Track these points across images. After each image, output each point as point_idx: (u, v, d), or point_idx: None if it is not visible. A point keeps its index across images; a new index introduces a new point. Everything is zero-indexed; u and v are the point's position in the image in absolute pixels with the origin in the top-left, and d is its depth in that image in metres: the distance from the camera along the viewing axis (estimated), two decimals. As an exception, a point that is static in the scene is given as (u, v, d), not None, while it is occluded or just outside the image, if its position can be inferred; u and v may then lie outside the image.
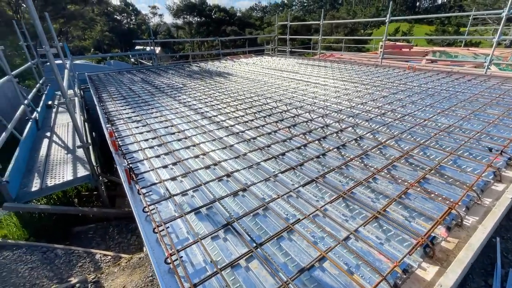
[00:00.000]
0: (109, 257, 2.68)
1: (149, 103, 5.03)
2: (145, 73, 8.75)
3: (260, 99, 4.99)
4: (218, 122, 3.88)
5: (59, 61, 10.26)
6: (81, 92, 7.65)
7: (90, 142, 3.30)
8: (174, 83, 6.89)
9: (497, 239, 2.23)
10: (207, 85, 6.53)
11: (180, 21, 42.40)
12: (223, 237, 1.73)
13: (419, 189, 2.11)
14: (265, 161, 2.67)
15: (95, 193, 4.98)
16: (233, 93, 5.58)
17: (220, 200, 2.07)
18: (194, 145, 3.11)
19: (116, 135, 3.47)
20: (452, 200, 1.97)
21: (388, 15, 7.65)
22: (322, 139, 3.13)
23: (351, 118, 3.80)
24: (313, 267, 1.48)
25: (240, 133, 3.43)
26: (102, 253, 2.74)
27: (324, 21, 9.77)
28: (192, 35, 38.11)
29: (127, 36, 38.68)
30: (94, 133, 6.16)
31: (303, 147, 2.94)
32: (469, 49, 12.96)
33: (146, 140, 3.31)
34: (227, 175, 2.43)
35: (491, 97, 4.42)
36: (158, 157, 2.87)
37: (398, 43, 12.75)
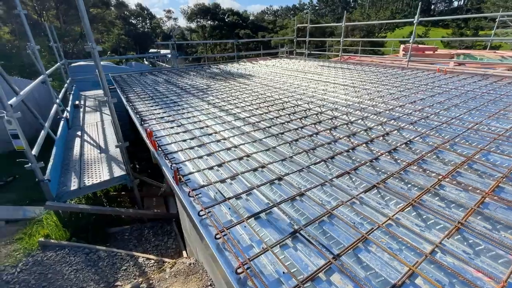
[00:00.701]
0: (152, 261, 2.59)
1: (178, 104, 4.99)
2: (167, 75, 8.79)
3: (290, 100, 4.87)
4: (253, 123, 3.77)
5: (84, 63, 10.47)
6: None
7: (127, 142, 3.25)
8: (198, 84, 6.87)
9: None
10: (232, 86, 6.46)
11: (193, 25, 43.05)
12: (293, 246, 1.60)
13: (496, 198, 1.93)
14: (315, 164, 2.54)
15: (123, 193, 4.96)
16: (260, 94, 5.48)
17: (278, 205, 1.94)
18: (235, 147, 3.01)
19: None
20: (538, 211, 1.78)
21: (416, 16, 7.41)
22: (369, 142, 2.97)
23: (392, 121, 3.62)
24: (404, 284, 1.33)
25: (279, 135, 3.31)
26: (145, 256, 2.65)
27: (346, 23, 9.60)
28: (205, 38, 38.58)
29: (142, 39, 39.57)
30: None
31: (351, 151, 2.79)
32: (496, 52, 12.49)
33: (184, 140, 3.24)
34: (279, 179, 2.31)
35: (540, 100, 4.15)
36: (200, 158, 2.78)
37: (421, 46, 12.41)
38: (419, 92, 5.08)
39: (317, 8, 79.77)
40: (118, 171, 3.44)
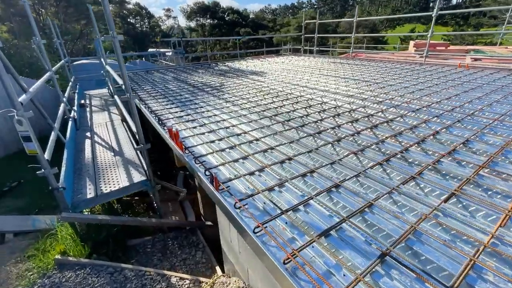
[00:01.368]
0: (187, 282, 2.27)
1: (194, 102, 4.68)
2: (174, 72, 8.46)
3: (314, 98, 4.56)
4: (282, 122, 3.46)
5: (87, 61, 10.08)
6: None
7: (149, 144, 2.93)
8: (210, 82, 6.55)
9: None
10: (247, 83, 6.14)
11: (193, 24, 42.61)
12: (386, 273, 1.29)
13: None
14: (371, 167, 2.23)
15: (136, 198, 4.64)
16: (280, 91, 5.17)
17: (349, 218, 1.64)
18: (271, 149, 2.69)
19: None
20: None
21: (435, 9, 7.12)
22: (419, 144, 2.67)
23: (435, 118, 3.32)
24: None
25: (316, 135, 3.00)
26: (178, 276, 2.33)
27: (358, 18, 9.30)
28: (205, 37, 38.15)
29: (141, 38, 39.10)
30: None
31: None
32: (508, 47, 12.25)
33: (212, 142, 2.92)
34: (336, 186, 2.00)
35: None
36: (236, 161, 2.47)
37: (432, 41, 12.12)
38: (449, 88, 4.79)
39: (315, 6, 79.44)
40: (137, 176, 3.12)
